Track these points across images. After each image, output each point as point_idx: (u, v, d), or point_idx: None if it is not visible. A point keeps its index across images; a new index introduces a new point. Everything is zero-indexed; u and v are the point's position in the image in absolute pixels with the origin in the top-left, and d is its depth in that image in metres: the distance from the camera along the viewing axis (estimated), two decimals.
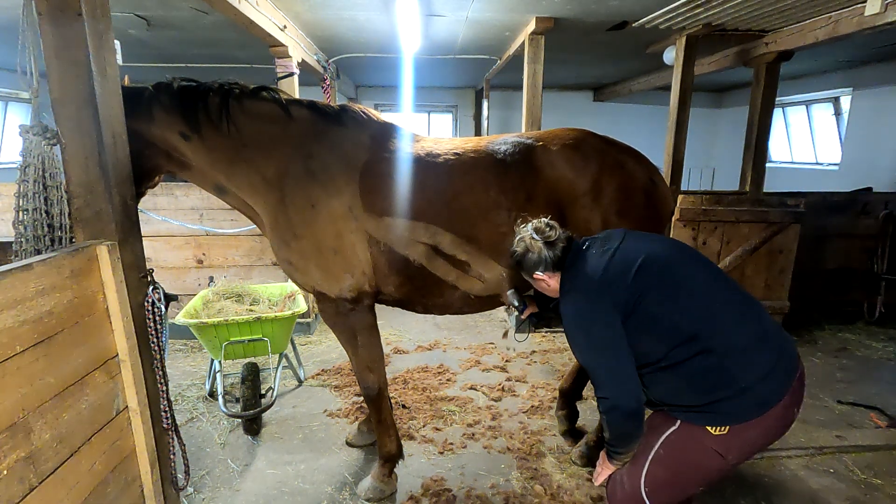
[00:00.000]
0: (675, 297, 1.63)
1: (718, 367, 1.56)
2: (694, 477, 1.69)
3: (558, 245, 1.80)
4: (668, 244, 1.79)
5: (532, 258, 1.81)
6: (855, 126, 7.56)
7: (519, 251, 1.85)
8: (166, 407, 2.01)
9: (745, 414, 1.55)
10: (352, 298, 2.36)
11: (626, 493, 1.73)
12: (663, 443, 1.67)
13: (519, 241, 1.87)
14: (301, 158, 2.29)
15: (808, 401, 3.60)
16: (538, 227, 1.86)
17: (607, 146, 2.48)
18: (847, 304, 5.19)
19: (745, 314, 1.64)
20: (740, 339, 1.58)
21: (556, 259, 1.80)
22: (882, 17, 3.59)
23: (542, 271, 1.83)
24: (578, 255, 1.80)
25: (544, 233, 1.82)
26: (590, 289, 1.70)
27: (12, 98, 7.54)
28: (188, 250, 4.55)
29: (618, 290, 1.64)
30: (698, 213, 4.29)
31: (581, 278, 1.73)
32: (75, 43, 1.61)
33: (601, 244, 1.80)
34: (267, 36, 4.02)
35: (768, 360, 1.57)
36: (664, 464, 1.66)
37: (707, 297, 1.65)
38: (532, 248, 1.81)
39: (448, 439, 3.09)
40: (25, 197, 1.68)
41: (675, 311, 1.61)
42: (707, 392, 1.57)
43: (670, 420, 1.68)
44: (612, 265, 1.69)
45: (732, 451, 1.60)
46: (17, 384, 1.36)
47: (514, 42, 5.53)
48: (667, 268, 1.68)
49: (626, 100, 10.08)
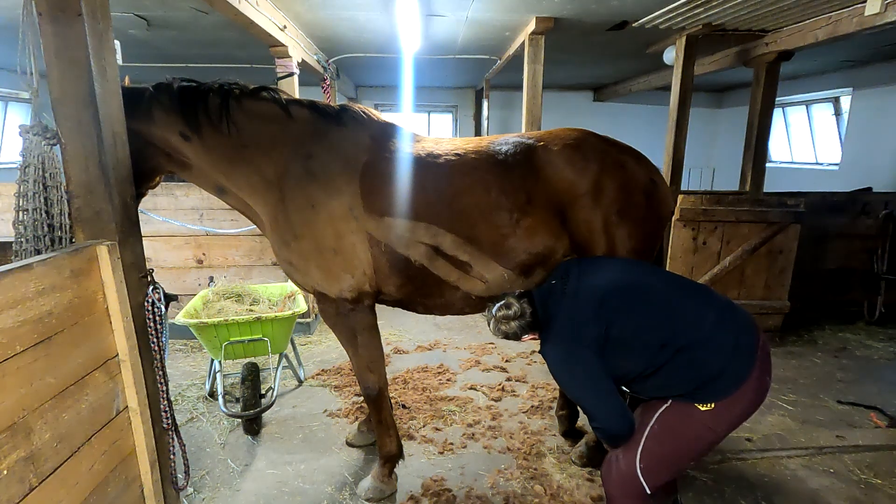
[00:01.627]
0: (637, 317, 1.83)
1: (692, 360, 1.75)
2: (687, 451, 1.83)
3: (526, 312, 1.99)
4: (619, 267, 2.02)
5: (514, 332, 2.03)
6: (855, 126, 7.56)
7: (500, 335, 2.07)
8: (166, 407, 2.01)
9: (725, 390, 1.73)
10: (352, 299, 2.36)
11: (621, 471, 1.84)
12: (658, 419, 1.82)
13: (495, 328, 2.06)
14: (301, 158, 2.29)
15: (808, 401, 3.60)
16: (500, 315, 2.03)
17: (608, 146, 2.47)
18: (847, 304, 5.19)
19: (699, 305, 1.83)
20: (702, 330, 1.77)
21: (531, 323, 2.00)
22: (882, 17, 3.59)
23: (528, 335, 2.05)
24: (547, 307, 2.00)
25: (510, 318, 2.01)
26: (564, 336, 1.89)
27: (12, 98, 7.54)
28: (188, 250, 4.55)
29: (588, 330, 1.83)
30: (698, 213, 4.30)
31: (556, 328, 1.92)
32: (75, 43, 1.61)
33: (560, 284, 2.00)
34: (267, 36, 4.02)
35: (730, 340, 1.76)
36: (659, 439, 1.80)
37: (664, 304, 1.85)
38: (508, 330, 2.03)
39: (448, 439, 3.09)
40: (25, 197, 1.68)
41: (640, 330, 1.81)
42: (690, 381, 1.76)
43: (662, 400, 1.85)
44: (578, 307, 1.90)
45: (721, 424, 1.77)
46: (17, 384, 1.36)
47: (514, 42, 5.53)
48: (624, 293, 1.88)
49: (626, 100, 10.09)
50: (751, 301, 4.45)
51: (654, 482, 1.78)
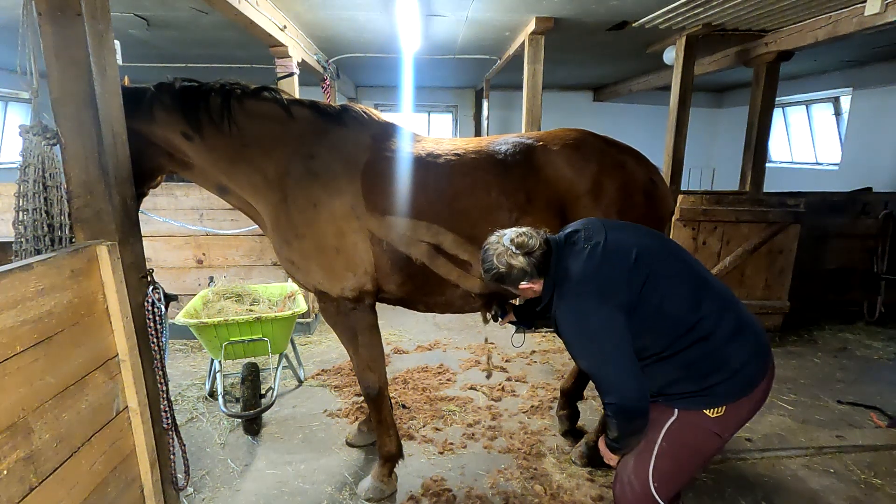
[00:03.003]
0: (675, 288, 1.63)
1: (714, 353, 1.61)
2: (697, 461, 1.75)
3: (538, 251, 1.70)
4: (651, 234, 1.77)
5: (515, 273, 1.72)
6: (855, 126, 7.56)
7: (501, 269, 1.73)
8: (166, 407, 2.01)
9: (738, 393, 1.63)
10: (353, 297, 2.36)
11: (636, 493, 1.74)
12: (665, 436, 1.70)
13: (497, 257, 1.73)
14: (303, 158, 2.29)
15: (808, 401, 3.60)
16: (519, 241, 1.72)
17: (607, 146, 2.48)
18: (847, 304, 5.19)
19: (725, 299, 1.68)
20: (729, 324, 1.63)
21: (540, 265, 1.71)
22: (882, 17, 3.59)
23: (527, 281, 1.74)
24: (562, 255, 1.72)
25: (525, 246, 1.71)
26: (588, 292, 1.62)
27: (12, 98, 7.54)
28: (188, 250, 4.55)
29: (619, 290, 1.60)
30: (698, 213, 4.30)
31: (575, 282, 1.65)
32: (75, 43, 1.61)
33: (584, 238, 1.72)
34: (267, 36, 4.02)
35: (752, 342, 1.65)
36: (669, 455, 1.70)
37: (694, 286, 1.66)
38: (514, 265, 1.71)
39: (448, 439, 3.09)
40: (25, 197, 1.68)
41: (678, 304, 1.61)
42: (703, 377, 1.63)
43: (667, 411, 1.70)
44: (606, 263, 1.63)
45: (728, 429, 1.68)
46: (17, 384, 1.36)
47: (514, 42, 5.53)
48: (660, 260, 1.66)
49: (626, 100, 10.09)
50: (751, 301, 4.46)
51: (668, 495, 1.73)
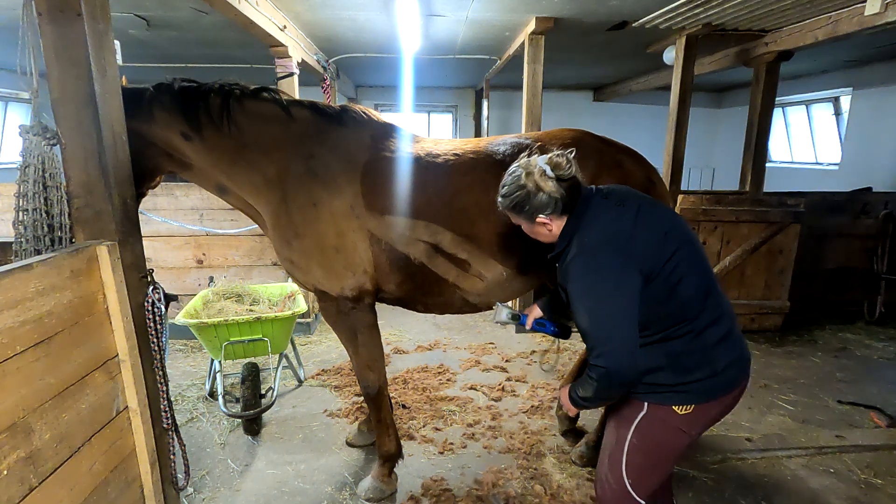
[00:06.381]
0: (691, 275, 1.55)
1: (703, 350, 1.57)
2: (667, 456, 1.73)
3: (569, 184, 1.54)
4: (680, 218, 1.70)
5: (541, 199, 1.53)
6: (855, 126, 7.56)
7: (528, 189, 1.53)
8: (166, 407, 2.01)
9: (712, 394, 1.59)
10: (353, 297, 2.37)
11: (614, 490, 1.76)
12: (634, 431, 1.69)
13: (527, 175, 1.54)
14: (302, 158, 2.30)
15: (808, 401, 3.60)
16: (556, 161, 1.54)
17: (605, 146, 2.48)
18: (847, 304, 5.19)
19: (724, 306, 1.63)
20: (720, 328, 1.59)
21: (567, 201, 1.54)
22: (882, 17, 3.59)
23: (547, 214, 1.57)
24: (591, 202, 1.57)
25: (561, 168, 1.52)
26: (615, 250, 1.50)
27: (12, 98, 7.54)
28: (188, 250, 4.55)
29: (647, 255, 1.51)
30: (698, 213, 4.30)
31: (603, 236, 1.52)
32: (75, 43, 1.61)
33: (616, 199, 1.60)
34: (267, 36, 4.02)
35: (738, 349, 1.62)
36: (640, 451, 1.69)
37: (706, 281, 1.59)
38: (543, 188, 1.52)
39: (448, 439, 3.09)
40: (25, 197, 1.68)
41: (689, 291, 1.55)
42: (685, 372, 1.57)
43: (638, 406, 1.68)
44: (639, 227, 1.53)
45: (695, 427, 1.65)
46: (17, 384, 1.36)
47: (514, 42, 5.53)
48: (686, 244, 1.59)
49: (626, 100, 10.08)
50: (751, 301, 4.46)
51: (645, 492, 1.73)
